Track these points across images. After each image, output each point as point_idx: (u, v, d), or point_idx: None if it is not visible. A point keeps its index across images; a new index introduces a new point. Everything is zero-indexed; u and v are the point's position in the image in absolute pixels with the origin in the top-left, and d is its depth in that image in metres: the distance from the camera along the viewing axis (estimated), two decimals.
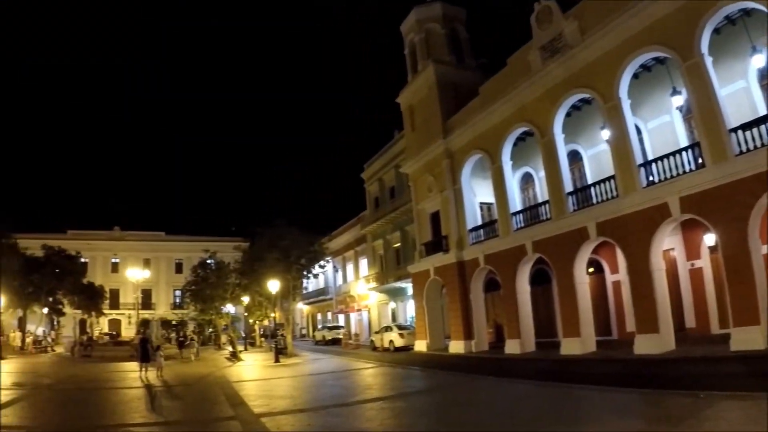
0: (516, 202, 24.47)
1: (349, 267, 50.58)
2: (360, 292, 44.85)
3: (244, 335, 46.93)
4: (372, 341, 33.98)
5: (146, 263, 63.87)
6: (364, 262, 46.89)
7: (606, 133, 18.41)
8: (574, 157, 22.54)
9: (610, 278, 22.69)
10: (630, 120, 17.77)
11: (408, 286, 34.88)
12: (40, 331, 43.18)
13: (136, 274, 43.03)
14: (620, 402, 9.61)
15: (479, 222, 26.56)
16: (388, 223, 40.37)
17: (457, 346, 25.71)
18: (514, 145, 23.91)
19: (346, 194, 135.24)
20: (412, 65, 30.63)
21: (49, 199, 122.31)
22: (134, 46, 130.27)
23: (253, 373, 21.93)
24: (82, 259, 49.47)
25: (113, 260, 68.05)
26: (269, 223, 32.25)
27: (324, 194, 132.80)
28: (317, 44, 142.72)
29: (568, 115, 20.91)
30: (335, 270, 51.73)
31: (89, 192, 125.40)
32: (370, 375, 18.68)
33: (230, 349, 32.82)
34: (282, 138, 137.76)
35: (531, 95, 21.71)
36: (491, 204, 26.18)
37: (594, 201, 19.15)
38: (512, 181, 24.69)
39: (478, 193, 27.20)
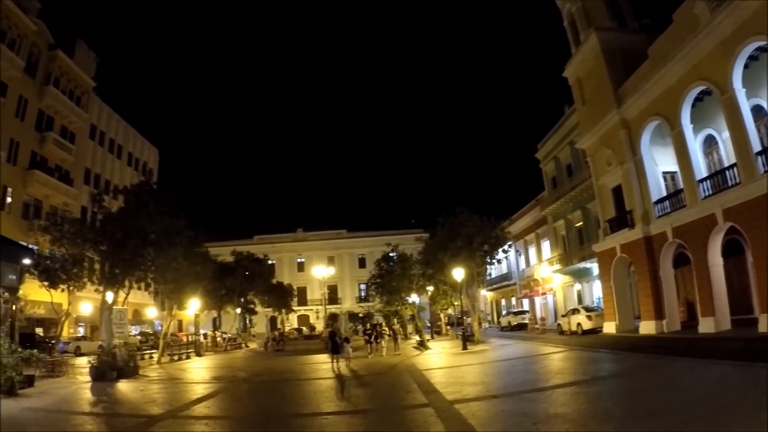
0: (701, 167, 24.27)
1: (531, 250, 52.21)
2: (543, 275, 46.28)
3: (429, 324, 49.85)
4: (558, 325, 35.14)
5: (330, 261, 72.86)
6: (546, 245, 48.23)
7: None
8: (759, 113, 21.64)
9: None
10: None
11: (593, 266, 35.72)
12: (233, 329, 49.88)
13: (321, 271, 49.22)
14: None
15: (663, 193, 26.69)
16: (568, 203, 41.24)
17: (647, 327, 26.26)
18: (693, 106, 23.74)
19: (521, 177, 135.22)
20: (574, 37, 31.46)
21: (235, 210, 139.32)
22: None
23: (441, 361, 22.96)
24: (270, 261, 56.59)
25: (299, 260, 78.49)
26: (450, 212, 33.78)
27: (498, 179, 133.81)
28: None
29: (745, 67, 20.41)
30: (517, 254, 53.47)
31: (272, 200, 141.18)
32: (559, 359, 19.14)
33: (417, 338, 35.60)
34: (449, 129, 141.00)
35: (703, 50, 21.62)
36: (675, 172, 26.20)
37: None
38: (695, 146, 24.51)
39: (659, 162, 27.27)
